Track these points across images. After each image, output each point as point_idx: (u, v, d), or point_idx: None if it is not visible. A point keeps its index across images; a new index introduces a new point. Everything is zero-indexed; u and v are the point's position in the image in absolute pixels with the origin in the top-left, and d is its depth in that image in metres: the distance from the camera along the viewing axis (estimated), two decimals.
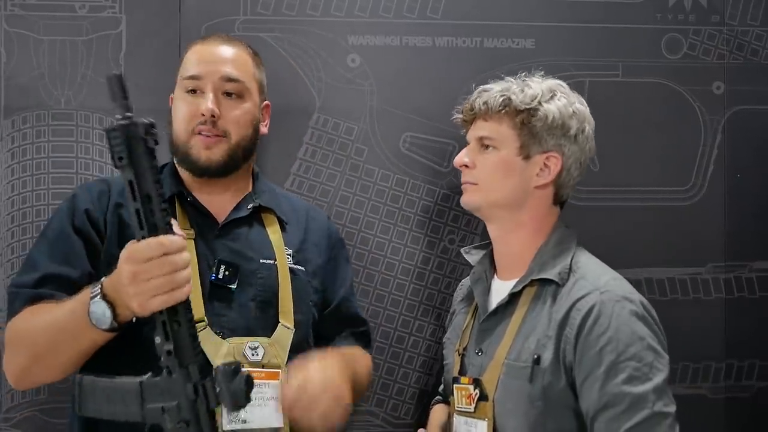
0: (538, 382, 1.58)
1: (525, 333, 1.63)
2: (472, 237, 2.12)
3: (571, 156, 1.69)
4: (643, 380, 1.52)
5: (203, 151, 1.69)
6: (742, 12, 2.20)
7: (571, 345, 1.57)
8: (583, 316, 1.56)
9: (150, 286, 1.35)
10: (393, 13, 2.12)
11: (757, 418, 2.18)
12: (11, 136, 2.00)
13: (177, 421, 1.40)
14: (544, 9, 2.15)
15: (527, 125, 1.66)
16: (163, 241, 1.35)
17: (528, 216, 1.70)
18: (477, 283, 1.77)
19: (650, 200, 2.17)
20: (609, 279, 1.63)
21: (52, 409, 1.98)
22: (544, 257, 1.67)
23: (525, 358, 1.60)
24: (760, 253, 2.20)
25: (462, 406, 1.67)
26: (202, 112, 1.68)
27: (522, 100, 1.67)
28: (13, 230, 2.01)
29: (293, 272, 1.74)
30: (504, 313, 1.68)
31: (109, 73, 1.40)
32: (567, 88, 1.73)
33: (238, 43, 1.79)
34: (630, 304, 1.58)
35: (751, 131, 2.20)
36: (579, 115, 1.69)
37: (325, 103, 2.10)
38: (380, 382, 2.09)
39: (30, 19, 2.02)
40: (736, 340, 2.18)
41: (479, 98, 1.71)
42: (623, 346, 1.53)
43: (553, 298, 1.62)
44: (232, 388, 1.36)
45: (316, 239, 1.83)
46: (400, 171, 2.12)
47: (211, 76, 1.71)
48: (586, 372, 1.55)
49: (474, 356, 1.70)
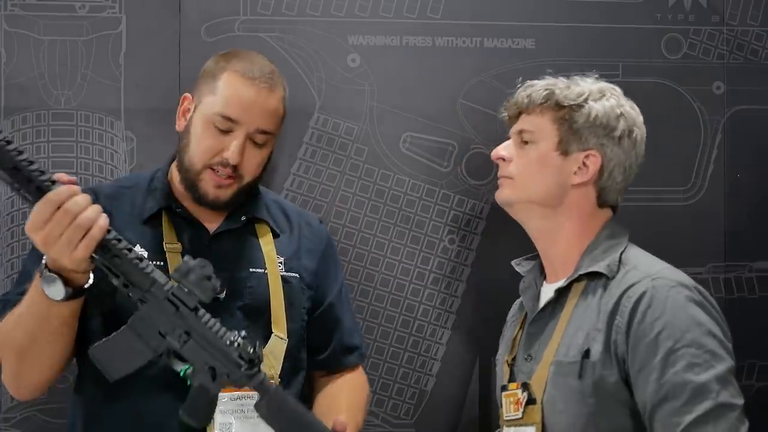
0: (588, 378, 1.49)
1: (573, 329, 1.55)
2: (472, 237, 2.12)
3: (614, 158, 1.62)
4: (706, 368, 1.42)
5: (213, 189, 1.68)
6: (742, 12, 2.20)
7: (622, 335, 1.48)
8: (634, 303, 1.48)
9: (63, 242, 1.41)
10: (393, 13, 2.12)
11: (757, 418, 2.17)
12: (11, 136, 2.00)
13: (179, 338, 1.49)
14: (544, 9, 2.15)
15: (568, 120, 1.61)
16: (50, 197, 1.40)
17: (568, 216, 1.63)
18: (526, 291, 1.70)
19: (650, 200, 2.17)
20: (662, 267, 1.56)
21: (52, 409, 1.98)
22: (594, 253, 1.60)
23: (573, 353, 1.52)
24: (760, 253, 2.20)
25: (510, 414, 1.59)
26: (227, 158, 1.65)
27: (566, 95, 1.62)
28: (13, 230, 2.01)
29: (286, 281, 1.72)
30: (551, 313, 1.61)
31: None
32: (619, 92, 1.67)
33: (278, 86, 1.71)
34: (686, 290, 1.49)
35: (751, 131, 2.20)
36: (627, 118, 1.63)
37: (325, 103, 2.10)
38: (380, 382, 2.09)
39: (30, 19, 2.02)
40: (736, 340, 2.17)
41: (524, 92, 1.66)
42: (680, 332, 1.44)
43: (603, 289, 1.54)
44: (199, 282, 1.48)
45: (309, 245, 1.81)
46: (400, 171, 2.12)
47: (247, 125, 1.66)
48: (642, 362, 1.45)
49: (523, 363, 1.63)
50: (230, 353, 1.50)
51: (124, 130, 2.04)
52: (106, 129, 2.04)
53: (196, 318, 1.50)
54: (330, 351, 1.82)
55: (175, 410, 1.56)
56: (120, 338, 1.50)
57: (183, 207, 1.72)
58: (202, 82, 1.71)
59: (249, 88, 1.67)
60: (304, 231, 1.82)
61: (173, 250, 1.66)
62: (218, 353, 1.50)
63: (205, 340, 1.50)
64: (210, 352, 1.50)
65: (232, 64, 1.69)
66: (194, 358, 1.51)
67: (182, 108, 1.74)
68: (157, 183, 1.74)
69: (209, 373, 1.51)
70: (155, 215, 1.70)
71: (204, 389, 1.52)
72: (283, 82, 1.74)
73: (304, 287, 1.76)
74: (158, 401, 1.60)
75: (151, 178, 1.76)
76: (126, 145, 2.04)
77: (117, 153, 2.04)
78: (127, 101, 2.04)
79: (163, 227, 1.68)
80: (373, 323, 2.09)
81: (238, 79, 1.67)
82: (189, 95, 1.73)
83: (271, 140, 1.72)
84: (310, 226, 1.84)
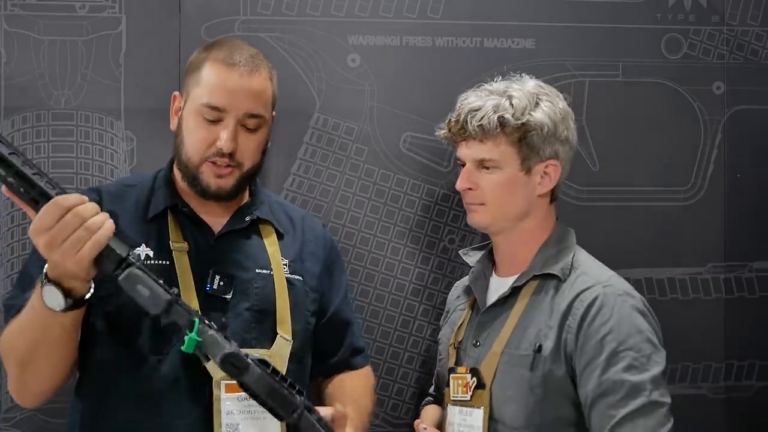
0: (538, 370, 1.62)
1: (524, 324, 1.67)
2: (472, 237, 2.12)
3: (565, 157, 1.73)
4: (641, 370, 1.56)
5: (214, 179, 1.67)
6: (742, 12, 2.20)
7: (573, 334, 1.61)
8: (586, 307, 1.62)
9: (69, 244, 1.40)
10: (393, 13, 2.12)
11: (757, 418, 2.18)
12: (11, 136, 2.00)
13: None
14: (544, 9, 2.15)
15: (524, 140, 1.68)
16: (58, 201, 1.40)
17: (533, 222, 1.74)
18: (476, 281, 1.80)
19: (650, 200, 2.17)
20: (611, 275, 1.69)
21: (52, 409, 1.98)
22: (547, 254, 1.72)
23: (525, 347, 1.64)
24: (760, 253, 2.20)
25: (458, 395, 1.70)
26: (221, 147, 1.64)
27: (514, 115, 1.67)
28: (13, 230, 2.01)
29: (290, 282, 1.72)
30: (503, 306, 1.72)
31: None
32: (545, 87, 1.74)
33: (261, 67, 1.69)
34: (631, 299, 1.63)
35: (751, 131, 2.20)
36: (565, 115, 1.72)
37: (325, 103, 2.10)
38: (380, 382, 2.08)
39: (30, 19, 2.02)
40: (736, 340, 2.18)
41: (471, 119, 1.69)
42: (624, 336, 1.58)
43: (555, 290, 1.67)
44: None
45: (312, 248, 1.80)
46: (400, 171, 2.12)
47: (235, 111, 1.64)
48: (587, 359, 1.59)
49: (471, 348, 1.73)
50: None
51: (124, 130, 2.04)
52: (106, 129, 2.04)
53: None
54: (341, 354, 1.82)
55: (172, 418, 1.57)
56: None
57: (189, 206, 1.71)
58: (188, 76, 1.70)
59: (231, 73, 1.65)
60: (307, 234, 1.81)
61: (180, 249, 1.65)
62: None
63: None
64: None
65: (212, 53, 1.68)
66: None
67: (173, 107, 1.73)
68: (161, 182, 1.73)
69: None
70: (160, 214, 1.69)
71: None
72: (267, 64, 1.72)
73: (308, 290, 1.76)
74: (156, 409, 1.59)
75: (155, 177, 1.76)
76: (126, 145, 2.04)
77: (117, 153, 2.04)
78: (127, 101, 2.04)
79: (170, 226, 1.67)
80: (373, 323, 2.09)
81: (220, 67, 1.66)
82: (178, 93, 1.73)
83: (264, 124, 1.69)
84: (313, 230, 1.84)
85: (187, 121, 1.67)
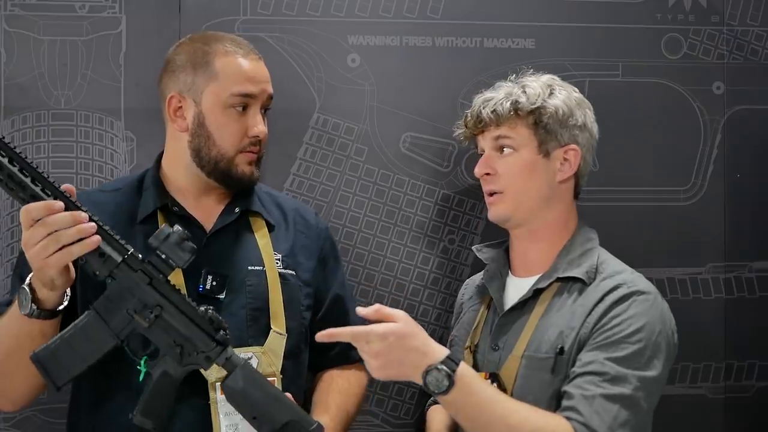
0: (561, 373, 1.58)
1: (544, 326, 1.63)
2: (472, 237, 2.12)
3: (585, 143, 1.71)
4: (636, 367, 1.53)
5: (248, 167, 1.71)
6: (742, 12, 2.20)
7: (589, 329, 1.58)
8: (608, 306, 1.59)
9: (38, 249, 1.43)
10: (393, 13, 2.12)
11: (757, 418, 2.18)
12: (11, 136, 2.00)
13: (150, 314, 1.49)
14: (544, 9, 2.15)
15: (540, 123, 1.67)
16: (28, 209, 1.44)
17: (554, 214, 1.71)
18: (492, 281, 1.76)
19: (650, 200, 2.17)
20: (636, 277, 1.66)
21: (52, 409, 1.98)
22: (571, 255, 1.68)
23: (545, 349, 1.60)
24: (760, 253, 2.20)
25: None
26: (257, 134, 1.69)
27: (528, 100, 1.67)
28: (13, 230, 2.01)
29: (283, 277, 1.72)
30: (523, 309, 1.68)
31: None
32: (559, 80, 1.75)
33: (259, 54, 1.77)
34: (654, 302, 1.61)
35: (751, 131, 2.20)
36: (581, 102, 1.73)
37: (325, 103, 2.10)
38: (380, 382, 2.08)
39: (30, 19, 2.02)
40: (736, 340, 2.18)
41: (485, 108, 1.70)
42: (633, 329, 1.56)
43: (579, 293, 1.63)
44: (178, 244, 1.48)
45: (305, 241, 1.80)
46: (400, 171, 2.12)
47: (261, 95, 1.71)
48: (593, 341, 1.56)
49: (489, 352, 1.68)
50: (204, 323, 1.52)
51: (124, 130, 2.04)
52: (106, 129, 2.04)
53: (169, 287, 1.51)
54: (340, 346, 1.77)
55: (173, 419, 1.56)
56: (78, 330, 1.50)
57: (180, 205, 1.71)
58: (189, 75, 1.69)
59: (248, 61, 1.71)
60: (299, 225, 1.81)
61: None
62: (192, 327, 1.51)
63: (179, 312, 1.51)
64: (183, 324, 1.51)
65: (213, 47, 1.71)
66: (160, 340, 1.51)
67: (172, 108, 1.71)
68: (150, 183, 1.73)
69: (177, 353, 1.51)
70: (150, 215, 1.69)
71: (167, 377, 1.51)
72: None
73: (302, 285, 1.75)
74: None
75: (140, 179, 1.75)
76: (126, 145, 2.04)
77: (117, 153, 2.04)
78: (127, 101, 2.04)
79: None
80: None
81: (235, 57, 1.70)
82: (176, 94, 1.71)
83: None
84: (305, 220, 1.83)
85: (215, 117, 1.68)
